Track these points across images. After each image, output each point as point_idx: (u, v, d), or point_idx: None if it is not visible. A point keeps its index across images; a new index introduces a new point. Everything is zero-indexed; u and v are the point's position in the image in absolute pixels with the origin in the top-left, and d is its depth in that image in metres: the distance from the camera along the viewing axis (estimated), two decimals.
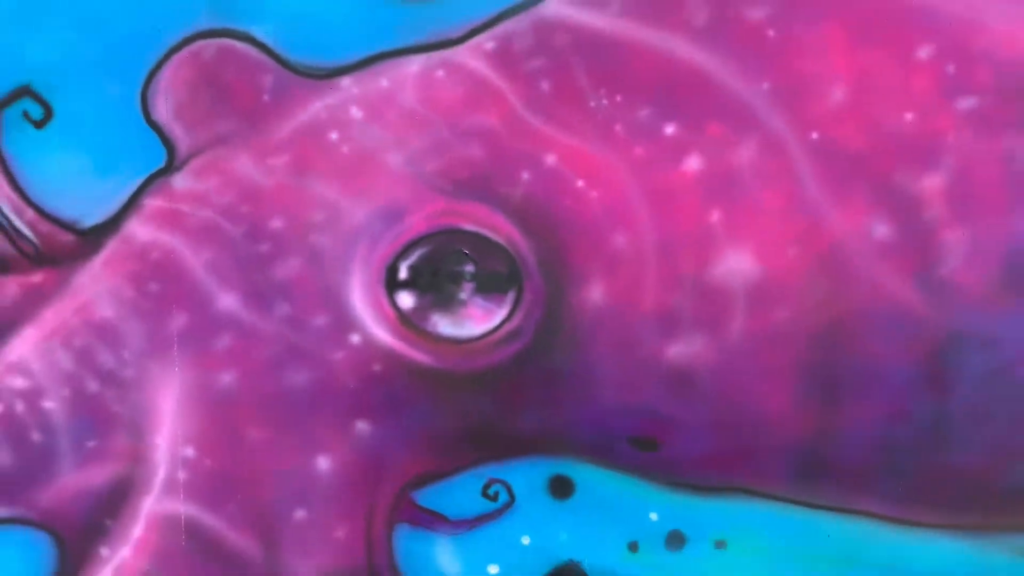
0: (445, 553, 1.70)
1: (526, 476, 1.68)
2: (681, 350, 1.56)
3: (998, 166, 1.52)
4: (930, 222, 1.51)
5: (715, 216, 1.54)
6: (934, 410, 1.56)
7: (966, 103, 1.51)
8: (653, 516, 1.68)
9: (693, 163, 1.55)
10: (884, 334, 1.55)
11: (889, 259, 1.53)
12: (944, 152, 1.51)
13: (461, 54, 1.61)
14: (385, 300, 1.60)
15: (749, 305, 1.55)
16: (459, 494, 1.69)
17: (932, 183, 1.51)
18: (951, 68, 1.51)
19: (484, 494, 1.68)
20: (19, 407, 1.64)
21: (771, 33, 1.54)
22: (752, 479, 1.65)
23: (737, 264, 1.54)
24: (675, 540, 1.68)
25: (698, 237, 1.55)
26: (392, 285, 1.61)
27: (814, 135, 1.53)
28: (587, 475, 1.68)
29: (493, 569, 1.70)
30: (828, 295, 1.54)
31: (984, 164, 1.52)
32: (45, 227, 1.68)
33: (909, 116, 1.52)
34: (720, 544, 1.68)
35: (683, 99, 1.56)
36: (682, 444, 1.62)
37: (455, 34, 1.62)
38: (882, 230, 1.52)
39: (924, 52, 1.52)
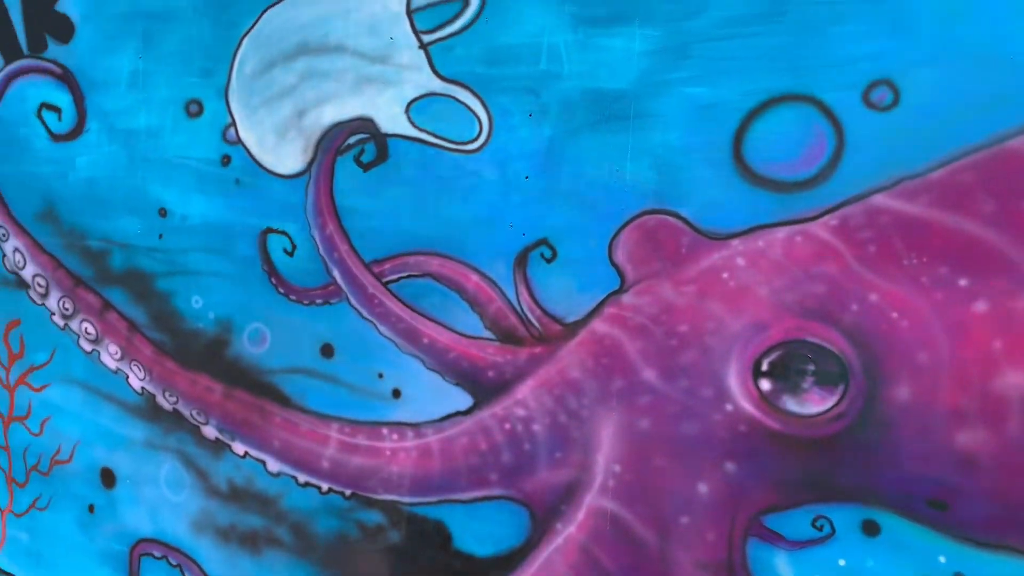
0: (783, 563, 1.90)
1: (844, 516, 1.84)
2: (967, 438, 1.71)
3: None
4: None
5: (997, 344, 1.70)
6: None
7: None
8: (942, 559, 1.78)
9: (981, 306, 1.71)
10: None
11: None
12: None
13: (813, 227, 1.83)
14: (751, 383, 1.86)
15: (1022, 410, 1.69)
16: (795, 522, 1.88)
17: None
18: None
19: (813, 525, 1.86)
20: (519, 427, 2.02)
21: None
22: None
23: (1013, 379, 1.69)
24: None
25: (983, 358, 1.71)
26: (756, 374, 1.85)
27: None
28: (891, 520, 1.81)
29: None
30: None
31: None
32: (545, 320, 2.04)
33: None
34: None
35: (974, 262, 1.71)
36: (966, 509, 1.74)
37: (810, 215, 1.84)
38: None
39: None
